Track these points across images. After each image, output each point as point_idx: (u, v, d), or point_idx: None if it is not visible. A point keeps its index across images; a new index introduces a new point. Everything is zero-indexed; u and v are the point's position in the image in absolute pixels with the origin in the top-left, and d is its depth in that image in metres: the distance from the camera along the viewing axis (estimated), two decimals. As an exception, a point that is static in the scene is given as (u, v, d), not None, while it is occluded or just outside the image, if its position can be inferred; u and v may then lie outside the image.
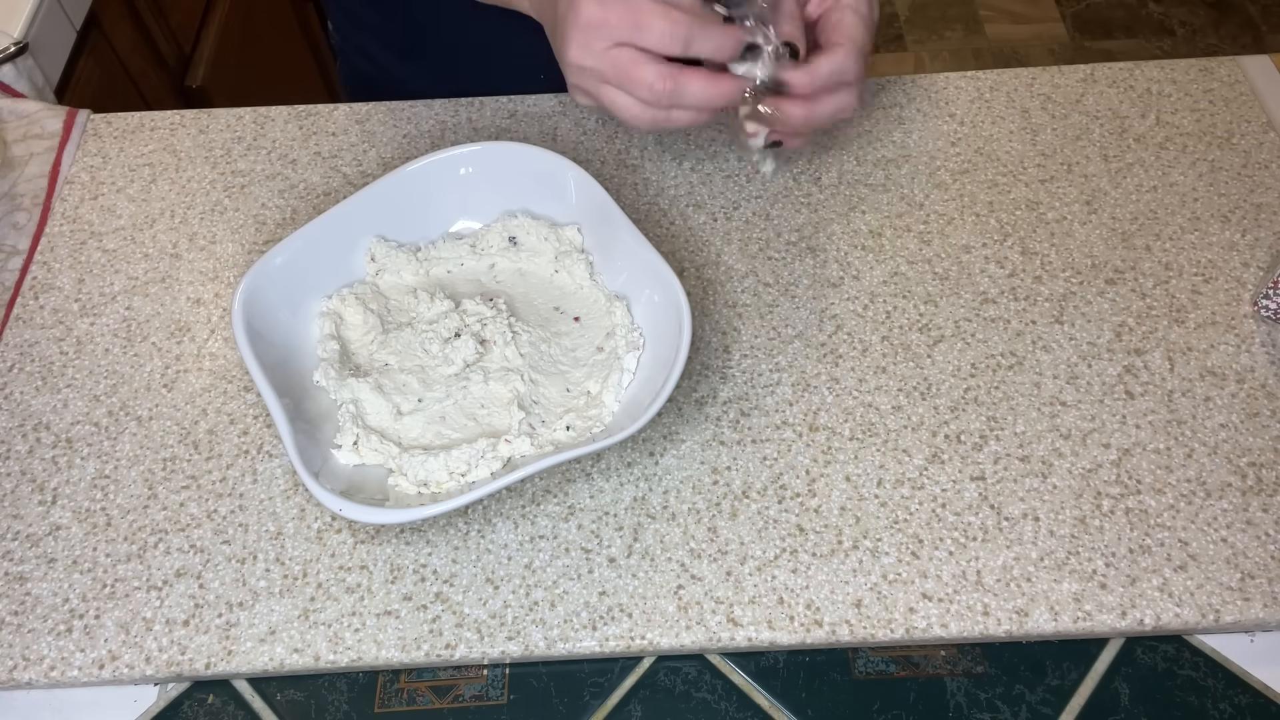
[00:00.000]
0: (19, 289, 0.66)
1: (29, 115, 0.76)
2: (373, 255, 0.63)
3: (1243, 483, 0.55)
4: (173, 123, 0.75)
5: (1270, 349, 0.60)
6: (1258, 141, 0.70)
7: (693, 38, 0.51)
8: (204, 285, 0.66)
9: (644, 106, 0.53)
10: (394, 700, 0.52)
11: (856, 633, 0.51)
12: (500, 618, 0.52)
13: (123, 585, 0.53)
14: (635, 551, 0.54)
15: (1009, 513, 0.54)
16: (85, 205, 0.70)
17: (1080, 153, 0.70)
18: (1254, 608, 0.51)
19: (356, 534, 0.55)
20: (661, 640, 0.51)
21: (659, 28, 0.50)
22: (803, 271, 0.65)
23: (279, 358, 0.57)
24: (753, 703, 0.51)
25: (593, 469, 0.57)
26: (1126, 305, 0.63)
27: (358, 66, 0.88)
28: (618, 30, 0.51)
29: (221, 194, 0.71)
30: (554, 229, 0.64)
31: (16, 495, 0.57)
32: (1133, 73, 0.75)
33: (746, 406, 0.59)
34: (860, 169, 0.70)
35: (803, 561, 0.53)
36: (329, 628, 0.52)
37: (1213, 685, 0.51)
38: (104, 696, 0.52)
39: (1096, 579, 0.52)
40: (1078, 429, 0.57)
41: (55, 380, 0.62)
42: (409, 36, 0.82)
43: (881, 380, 0.60)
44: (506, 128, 0.73)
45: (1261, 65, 0.75)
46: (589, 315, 0.61)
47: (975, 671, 0.52)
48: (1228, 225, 0.66)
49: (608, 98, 0.54)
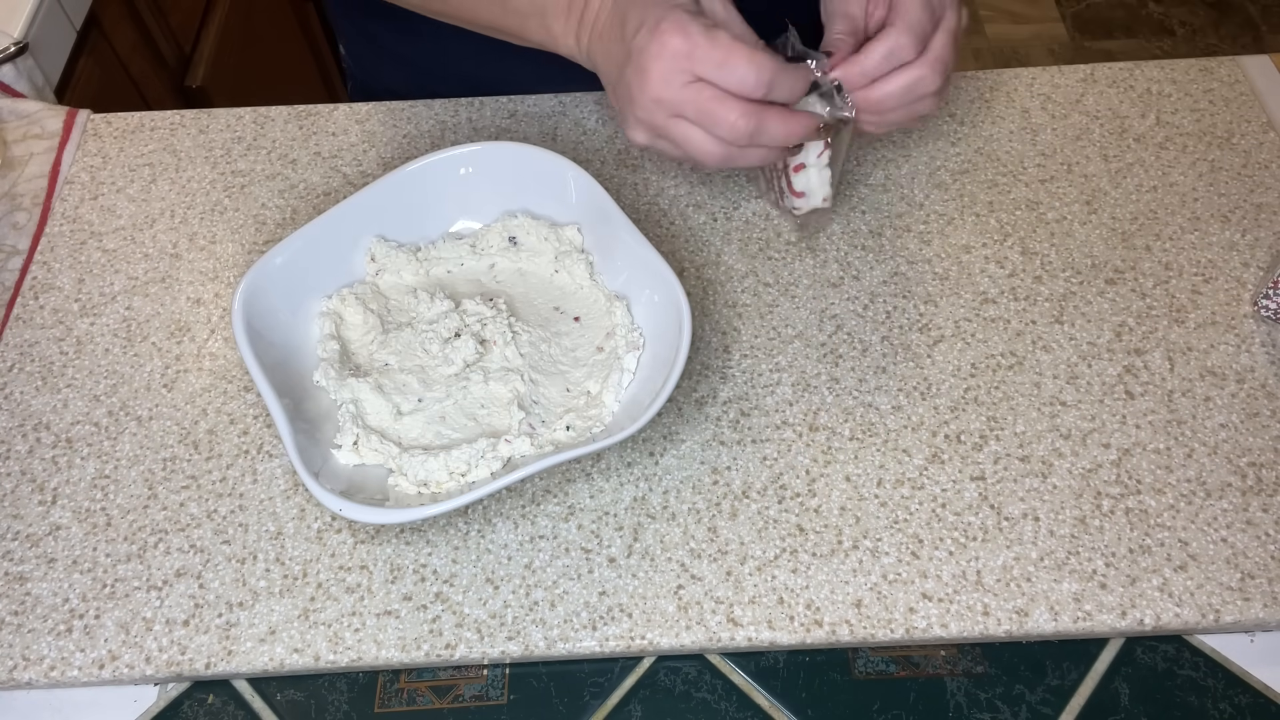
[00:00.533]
0: (19, 289, 0.66)
1: (29, 115, 0.76)
2: (373, 255, 0.63)
3: (1243, 483, 0.55)
4: (173, 123, 0.75)
5: (1270, 349, 0.60)
6: (1258, 141, 0.70)
7: (775, 82, 0.51)
8: (204, 285, 0.66)
9: (720, 144, 0.52)
10: (394, 700, 0.52)
11: (856, 633, 0.51)
12: (500, 618, 0.52)
13: (123, 585, 0.53)
14: (635, 551, 0.54)
15: (1009, 513, 0.54)
16: (85, 205, 0.70)
17: (1080, 153, 0.71)
18: (1254, 608, 0.51)
19: (356, 534, 0.55)
20: (661, 640, 0.51)
21: (743, 70, 0.50)
22: (803, 271, 0.65)
23: (279, 358, 0.57)
24: (753, 703, 0.51)
25: (593, 469, 0.57)
26: (1126, 305, 0.63)
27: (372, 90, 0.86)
28: (702, 65, 0.50)
29: (221, 194, 0.71)
30: (554, 229, 0.64)
31: (16, 495, 0.57)
32: (1133, 73, 0.75)
33: (746, 406, 0.59)
34: (860, 169, 0.70)
35: (803, 561, 0.53)
36: (329, 628, 0.52)
37: (1213, 685, 0.51)
38: (104, 696, 0.52)
39: (1096, 579, 0.52)
40: (1078, 429, 0.57)
41: (55, 380, 0.62)
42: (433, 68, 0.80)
43: (881, 380, 0.60)
44: (506, 128, 0.74)
45: (1261, 65, 0.75)
46: (589, 315, 0.61)
47: (975, 671, 0.52)
48: (1228, 225, 0.66)
49: (679, 133, 0.53)
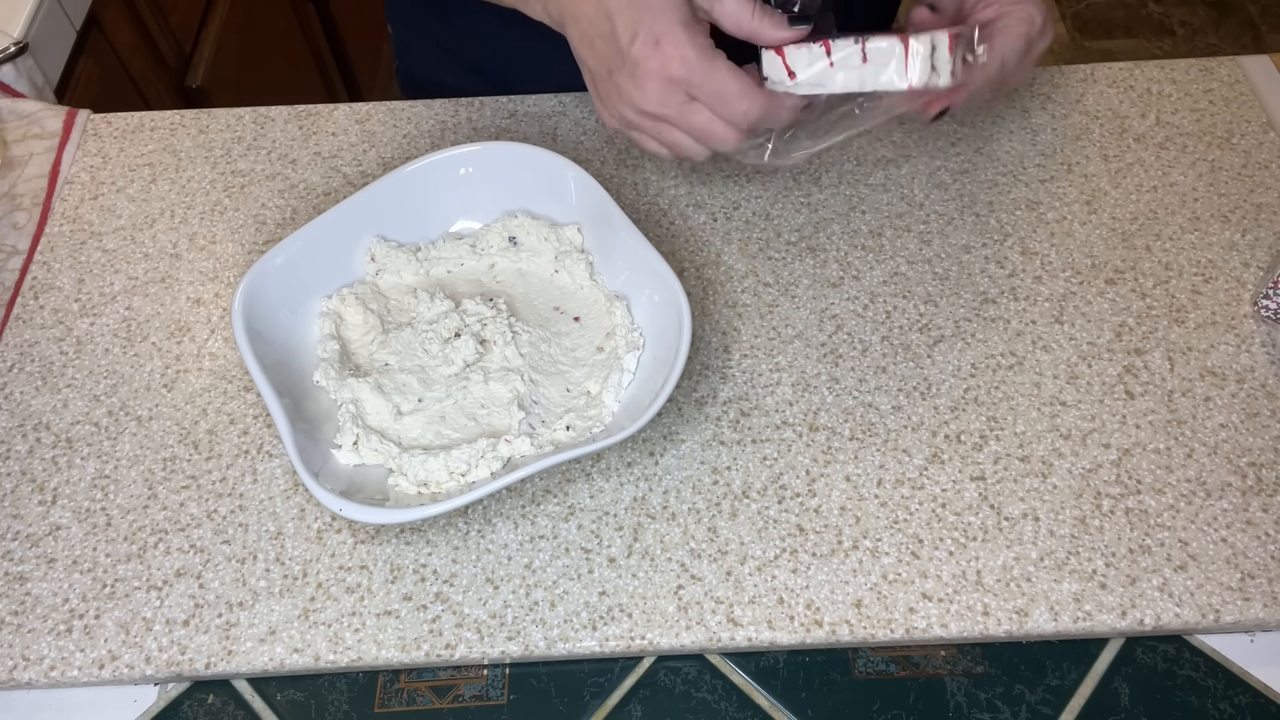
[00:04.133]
0: (19, 289, 0.66)
1: (29, 115, 0.76)
2: (373, 255, 0.63)
3: (1243, 483, 0.55)
4: (173, 123, 0.75)
5: (1270, 349, 0.60)
6: (1258, 141, 0.70)
7: (765, 118, 0.54)
8: (204, 285, 0.66)
9: (707, 150, 0.56)
10: (394, 700, 0.52)
11: (856, 633, 0.51)
12: (500, 618, 0.52)
13: (123, 585, 0.53)
14: (635, 551, 0.54)
15: (1009, 513, 0.54)
16: (85, 205, 0.70)
17: (1080, 153, 0.71)
18: (1254, 608, 0.51)
19: (356, 534, 0.55)
20: (661, 640, 0.51)
21: (740, 109, 0.52)
22: (803, 271, 0.65)
23: (279, 358, 0.57)
24: (753, 703, 0.51)
25: (593, 469, 0.57)
26: (1126, 305, 0.63)
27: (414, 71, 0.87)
28: (699, 91, 0.52)
29: (221, 194, 0.71)
30: (554, 229, 0.64)
31: (16, 495, 0.57)
32: (1133, 73, 0.75)
33: (746, 406, 0.59)
34: (860, 169, 0.70)
35: (803, 561, 0.53)
36: (329, 628, 0.52)
37: (1213, 685, 0.51)
38: (104, 696, 0.52)
39: (1096, 579, 0.52)
40: (1078, 429, 0.57)
41: (55, 380, 0.62)
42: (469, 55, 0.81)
43: (881, 380, 0.60)
44: (506, 128, 0.74)
45: (1261, 65, 0.75)
46: (589, 315, 0.61)
47: (975, 671, 0.52)
48: (1228, 225, 0.66)
49: (670, 139, 0.55)
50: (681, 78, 0.52)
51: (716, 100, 0.52)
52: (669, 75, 0.52)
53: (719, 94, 0.52)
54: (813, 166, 0.70)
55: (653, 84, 0.53)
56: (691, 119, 0.54)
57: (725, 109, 0.53)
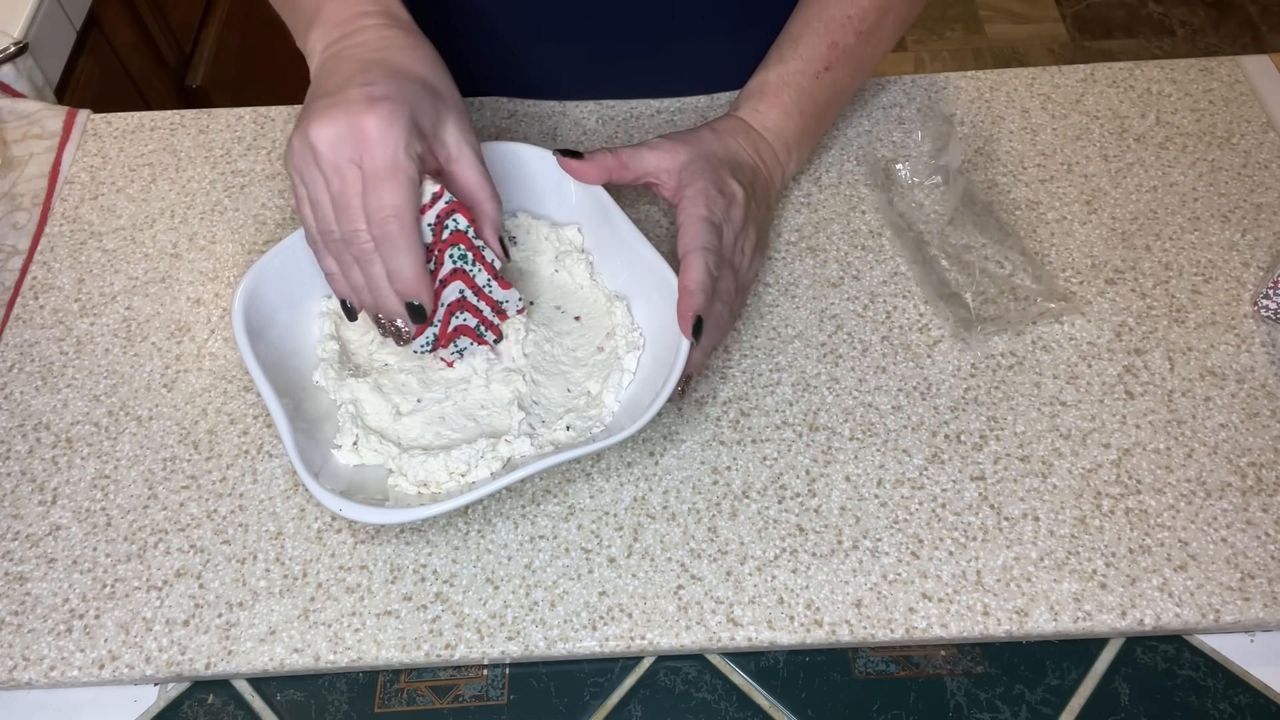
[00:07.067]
0: (19, 289, 0.66)
1: (29, 115, 0.76)
2: (373, 255, 0.63)
3: (1243, 483, 0.55)
4: (173, 123, 0.75)
5: (1270, 349, 0.60)
6: (1258, 141, 0.70)
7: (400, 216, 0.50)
8: (204, 285, 0.66)
9: (314, 222, 0.53)
10: (394, 700, 0.52)
11: (856, 633, 0.51)
12: (500, 618, 0.52)
13: (123, 585, 0.53)
14: (635, 551, 0.54)
15: (1009, 513, 0.54)
16: (85, 205, 0.70)
17: (1080, 153, 0.70)
18: (1254, 608, 0.51)
19: (356, 534, 0.55)
20: (661, 640, 0.51)
21: (389, 201, 0.50)
22: (803, 271, 0.65)
23: (279, 358, 0.57)
24: (753, 703, 0.51)
25: (593, 469, 0.57)
26: (1126, 305, 0.63)
27: None
28: (366, 163, 0.50)
29: (221, 194, 0.71)
30: (554, 229, 0.64)
31: (16, 495, 0.57)
32: (1133, 73, 0.75)
33: (746, 406, 0.59)
34: (860, 169, 0.70)
35: (803, 561, 0.53)
36: (329, 628, 0.52)
37: (1213, 685, 0.51)
38: (104, 696, 0.52)
39: (1096, 579, 0.52)
40: (1078, 429, 0.57)
41: (55, 380, 0.62)
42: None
43: (881, 380, 0.60)
44: (506, 128, 0.73)
45: (1261, 65, 0.75)
46: (589, 315, 0.61)
47: (975, 671, 0.52)
48: (1228, 225, 0.66)
49: (305, 194, 0.52)
50: (359, 139, 0.49)
51: (374, 183, 0.50)
52: (355, 129, 0.49)
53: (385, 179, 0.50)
54: (813, 166, 0.70)
55: (329, 131, 0.50)
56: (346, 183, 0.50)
57: (375, 194, 0.50)
